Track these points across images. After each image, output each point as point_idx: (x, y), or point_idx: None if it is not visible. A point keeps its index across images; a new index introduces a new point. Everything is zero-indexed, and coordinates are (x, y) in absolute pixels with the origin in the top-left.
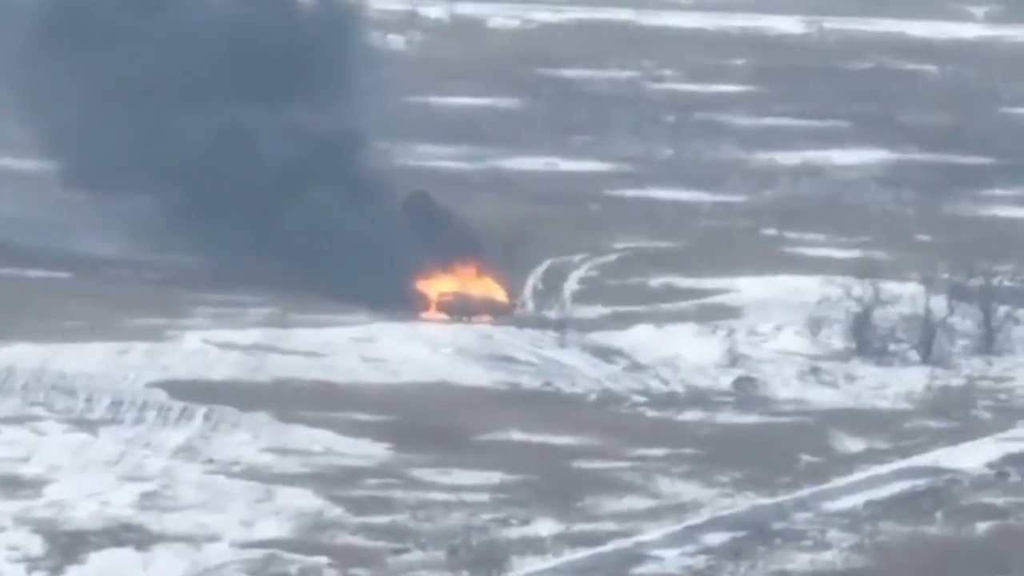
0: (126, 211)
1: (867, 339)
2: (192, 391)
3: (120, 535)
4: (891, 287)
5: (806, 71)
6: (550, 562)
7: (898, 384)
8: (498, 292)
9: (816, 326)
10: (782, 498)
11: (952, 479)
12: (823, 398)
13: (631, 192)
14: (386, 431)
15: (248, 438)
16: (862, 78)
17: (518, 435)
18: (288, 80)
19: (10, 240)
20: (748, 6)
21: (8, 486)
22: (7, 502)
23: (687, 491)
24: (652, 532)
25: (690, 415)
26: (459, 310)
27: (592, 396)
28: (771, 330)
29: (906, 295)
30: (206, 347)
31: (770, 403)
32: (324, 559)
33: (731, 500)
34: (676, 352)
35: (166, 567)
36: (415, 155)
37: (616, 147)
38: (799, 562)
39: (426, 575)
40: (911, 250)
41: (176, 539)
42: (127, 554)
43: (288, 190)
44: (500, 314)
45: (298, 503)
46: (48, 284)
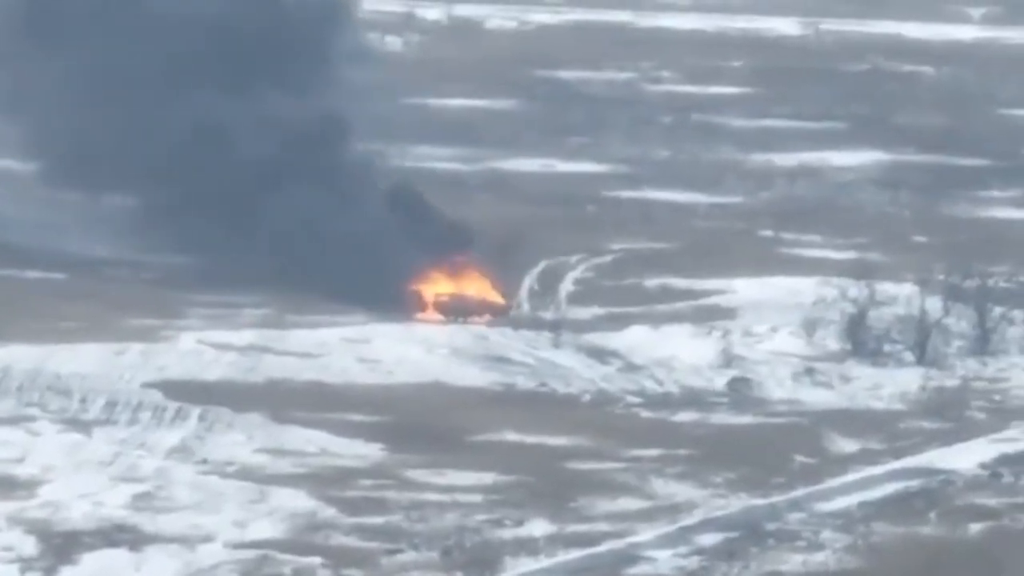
0: (111, 210)
1: (862, 340)
2: (187, 392)
3: (113, 536)
4: (887, 288)
5: (803, 73)
6: (543, 563)
7: (893, 385)
8: (494, 293)
9: (811, 327)
10: (776, 499)
11: (946, 480)
12: (818, 399)
13: (627, 193)
14: (380, 432)
15: (242, 439)
16: (859, 80)
17: (512, 436)
18: (272, 73)
19: (7, 241)
20: (745, 8)
21: (2, 487)
22: (1, 503)
23: (681, 492)
24: (645, 533)
25: (685, 416)
26: (455, 311)
27: (587, 397)
28: (766, 331)
29: (902, 296)
30: (201, 348)
31: (765, 404)
32: (317, 559)
33: (725, 501)
34: (671, 353)
35: (159, 568)
36: (412, 156)
37: (613, 148)
38: (792, 563)
39: None
40: (907, 251)
41: (169, 540)
42: (120, 555)
43: (274, 187)
44: (496, 315)
45: (292, 504)
46: (44, 285)
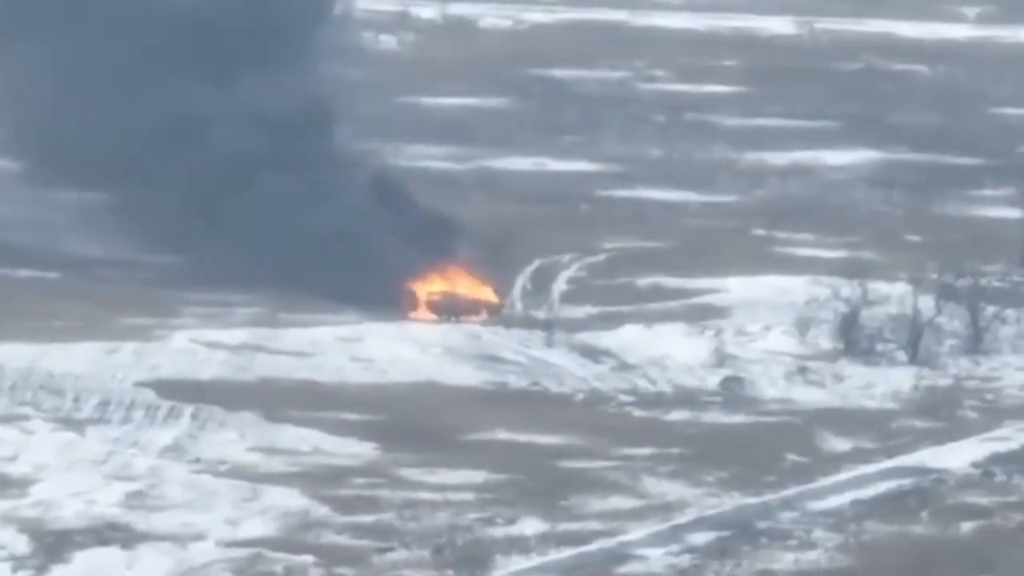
0: (99, 208)
1: (855, 339)
2: (180, 390)
3: (106, 534)
4: (879, 287)
5: (796, 72)
6: (535, 561)
7: (885, 384)
8: (487, 292)
9: (804, 326)
10: (768, 497)
11: (938, 479)
12: (810, 398)
13: (620, 192)
14: (373, 431)
15: (235, 437)
16: (852, 79)
17: (505, 435)
18: (259, 67)
19: (2, 239)
20: (739, 7)
21: None
22: None
23: (673, 490)
24: (637, 531)
25: (677, 415)
26: (448, 310)
27: (579, 396)
28: (759, 330)
29: (894, 295)
30: (194, 347)
31: (757, 403)
32: (310, 558)
33: (717, 499)
34: (664, 352)
35: (151, 566)
36: (405, 155)
37: (606, 147)
38: (784, 561)
39: (411, 574)
40: (900, 250)
41: (162, 538)
42: (112, 553)
43: (264, 184)
44: (489, 314)
45: (284, 502)
46: (37, 284)
